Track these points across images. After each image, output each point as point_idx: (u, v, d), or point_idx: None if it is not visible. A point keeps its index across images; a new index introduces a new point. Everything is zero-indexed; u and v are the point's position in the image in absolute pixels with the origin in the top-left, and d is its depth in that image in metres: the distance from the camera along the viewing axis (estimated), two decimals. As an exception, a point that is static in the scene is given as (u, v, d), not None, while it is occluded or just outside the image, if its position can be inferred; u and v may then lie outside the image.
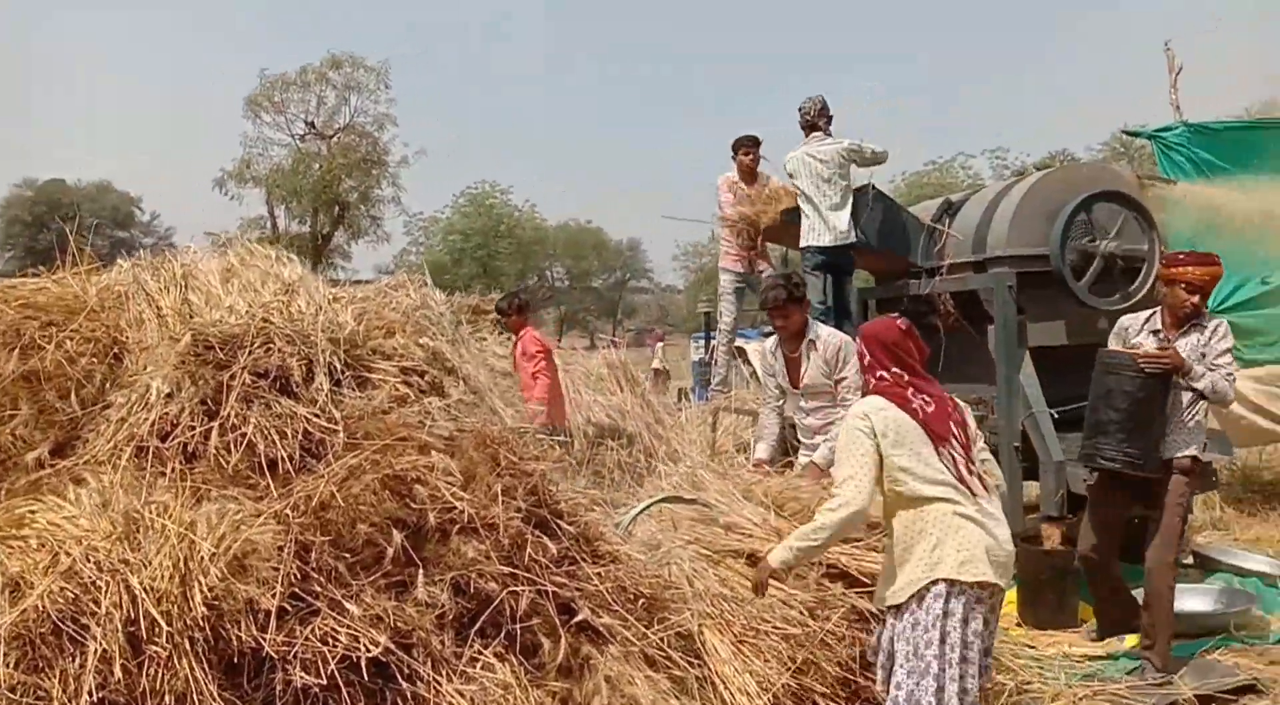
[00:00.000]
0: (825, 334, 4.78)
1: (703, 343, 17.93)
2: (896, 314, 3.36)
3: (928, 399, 3.03)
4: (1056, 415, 5.28)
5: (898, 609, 2.91)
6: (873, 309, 6.99)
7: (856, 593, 3.36)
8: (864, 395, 3.16)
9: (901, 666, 2.86)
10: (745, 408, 6.97)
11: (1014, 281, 5.32)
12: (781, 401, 4.98)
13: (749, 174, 6.74)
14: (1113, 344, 4.36)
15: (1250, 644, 4.70)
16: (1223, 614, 4.82)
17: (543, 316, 50.19)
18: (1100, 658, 4.56)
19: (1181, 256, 4.22)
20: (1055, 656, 4.45)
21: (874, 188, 6.17)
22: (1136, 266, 5.44)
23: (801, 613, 3.26)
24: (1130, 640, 4.81)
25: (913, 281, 6.22)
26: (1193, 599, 5.04)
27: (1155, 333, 4.28)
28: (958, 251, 5.88)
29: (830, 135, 6.07)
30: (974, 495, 2.93)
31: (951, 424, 3.02)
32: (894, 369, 3.05)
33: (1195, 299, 4.14)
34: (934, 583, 2.83)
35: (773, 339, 4.97)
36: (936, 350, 6.25)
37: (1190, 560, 5.91)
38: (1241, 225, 7.31)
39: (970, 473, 2.97)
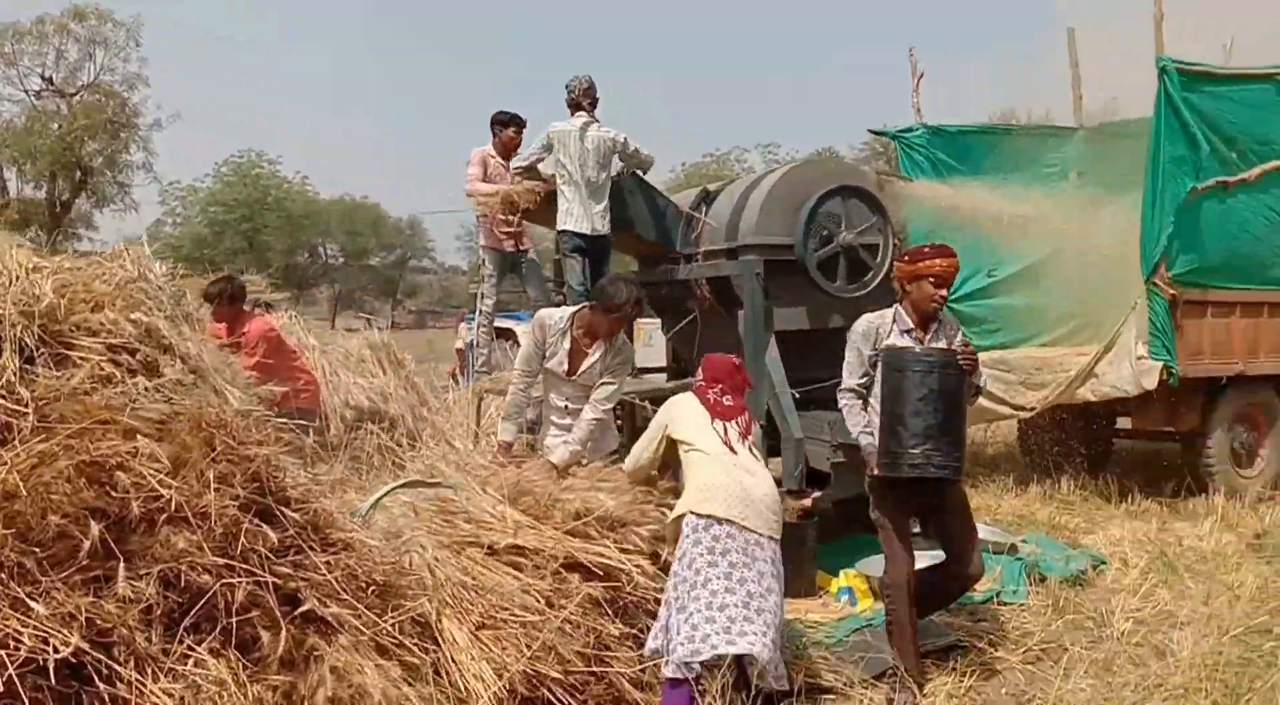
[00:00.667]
0: (623, 341, 4.61)
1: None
2: (735, 357, 4.20)
3: (729, 400, 3.91)
4: (798, 395, 5.57)
5: None
6: (635, 292, 7.14)
7: (591, 584, 3.38)
8: None
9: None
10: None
11: (761, 269, 5.55)
12: (535, 379, 4.80)
13: (509, 152, 6.63)
14: (863, 349, 4.07)
15: (963, 604, 5.16)
16: (938, 578, 5.23)
17: (315, 294, 48.03)
18: (830, 623, 4.86)
19: (927, 250, 4.00)
20: (792, 622, 4.70)
21: (635, 174, 6.26)
22: (872, 256, 5.81)
23: (539, 601, 3.26)
24: (864, 603, 5.17)
25: (673, 267, 6.38)
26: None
27: (908, 332, 4.03)
28: (713, 239, 6.07)
29: (595, 118, 6.08)
30: (735, 455, 3.69)
31: (736, 416, 3.87)
32: (716, 386, 3.95)
33: (944, 293, 3.96)
34: (683, 515, 3.54)
35: (559, 316, 4.61)
36: (693, 334, 6.50)
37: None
38: (972, 221, 8.00)
39: (740, 442, 3.78)
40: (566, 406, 4.64)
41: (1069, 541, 6.26)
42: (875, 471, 3.97)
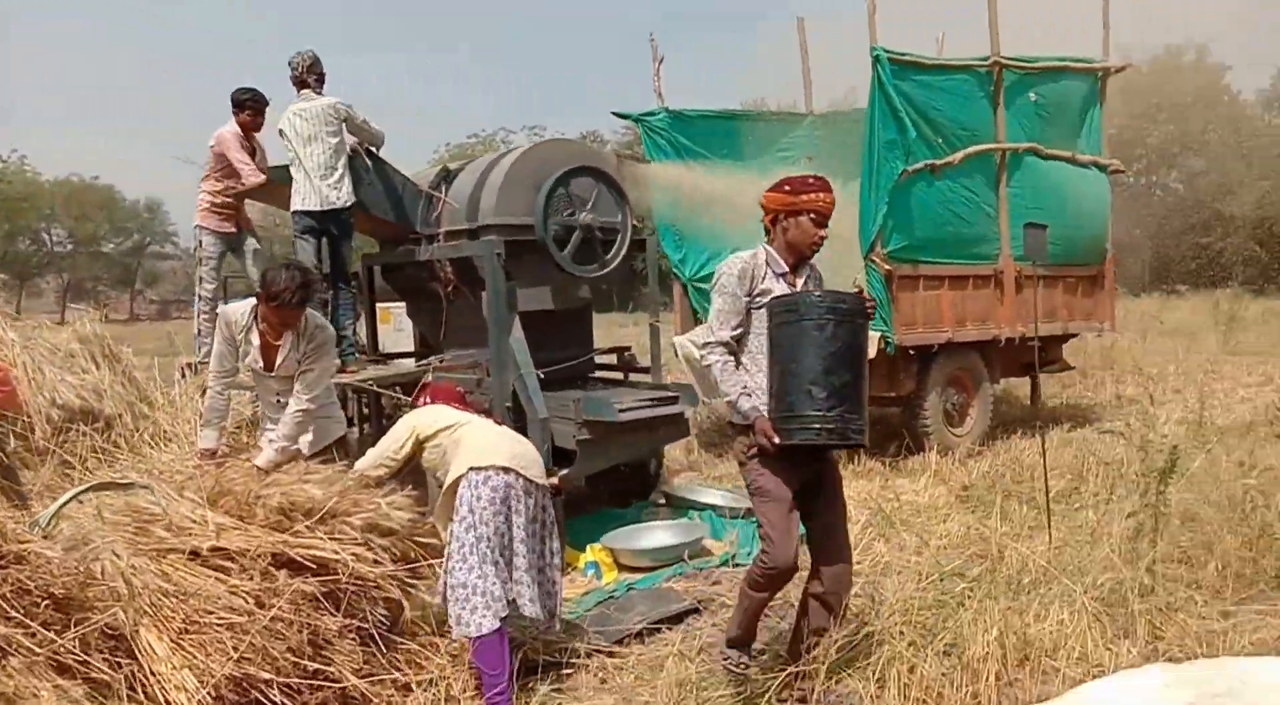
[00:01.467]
0: (317, 324, 4.39)
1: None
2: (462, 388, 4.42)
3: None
4: (543, 376, 5.57)
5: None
6: (378, 275, 6.90)
7: (303, 578, 3.22)
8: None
9: None
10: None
11: (503, 249, 5.49)
12: (233, 378, 4.55)
13: (249, 133, 6.24)
14: (738, 293, 3.45)
15: (700, 569, 5.37)
16: (679, 546, 5.43)
17: (39, 284, 43.41)
18: (575, 597, 4.92)
19: (812, 181, 3.44)
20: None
21: (370, 151, 6.03)
22: (611, 237, 5.89)
23: (247, 602, 3.07)
24: (609, 577, 5.27)
25: (414, 248, 6.20)
26: (655, 535, 5.65)
27: (782, 277, 3.51)
28: (454, 219, 5.96)
29: (321, 93, 5.81)
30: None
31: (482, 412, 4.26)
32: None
33: (824, 233, 3.48)
34: (461, 478, 3.69)
35: (242, 312, 4.33)
36: (438, 316, 6.36)
37: (662, 500, 6.63)
38: (713, 204, 8.30)
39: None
40: (278, 401, 4.42)
41: (802, 503, 6.64)
42: (775, 440, 3.29)
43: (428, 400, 4.22)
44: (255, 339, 4.30)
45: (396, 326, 10.21)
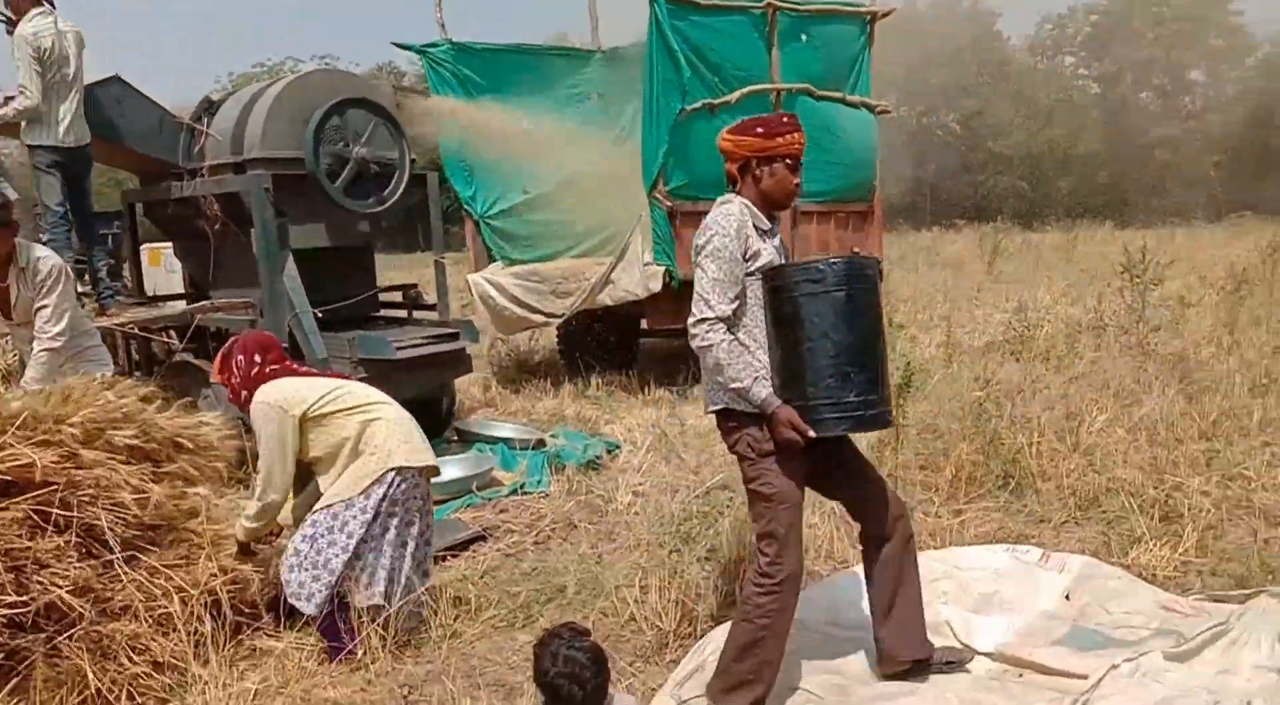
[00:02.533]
0: (39, 257, 4.08)
1: None
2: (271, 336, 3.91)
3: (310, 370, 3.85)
4: (320, 315, 5.48)
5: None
6: (140, 212, 6.52)
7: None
8: (253, 389, 3.53)
9: None
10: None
11: (270, 184, 5.32)
12: None
13: None
14: (737, 254, 2.88)
15: (489, 499, 5.50)
16: (468, 478, 5.53)
17: None
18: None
19: (785, 121, 3.04)
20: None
21: (121, 79, 5.65)
22: (389, 171, 5.80)
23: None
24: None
25: (176, 183, 5.90)
26: (444, 469, 5.71)
27: (765, 234, 3.02)
28: (217, 152, 5.70)
29: (54, 8, 5.36)
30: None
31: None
32: (283, 362, 3.66)
33: (799, 178, 3.06)
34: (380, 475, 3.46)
35: None
36: (206, 256, 6.10)
37: (455, 436, 6.69)
38: (502, 139, 8.26)
39: None
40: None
41: (591, 432, 6.88)
42: (810, 434, 2.80)
43: (254, 364, 3.58)
44: None
45: (168, 268, 9.67)
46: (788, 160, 2.99)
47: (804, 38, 8.57)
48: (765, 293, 2.92)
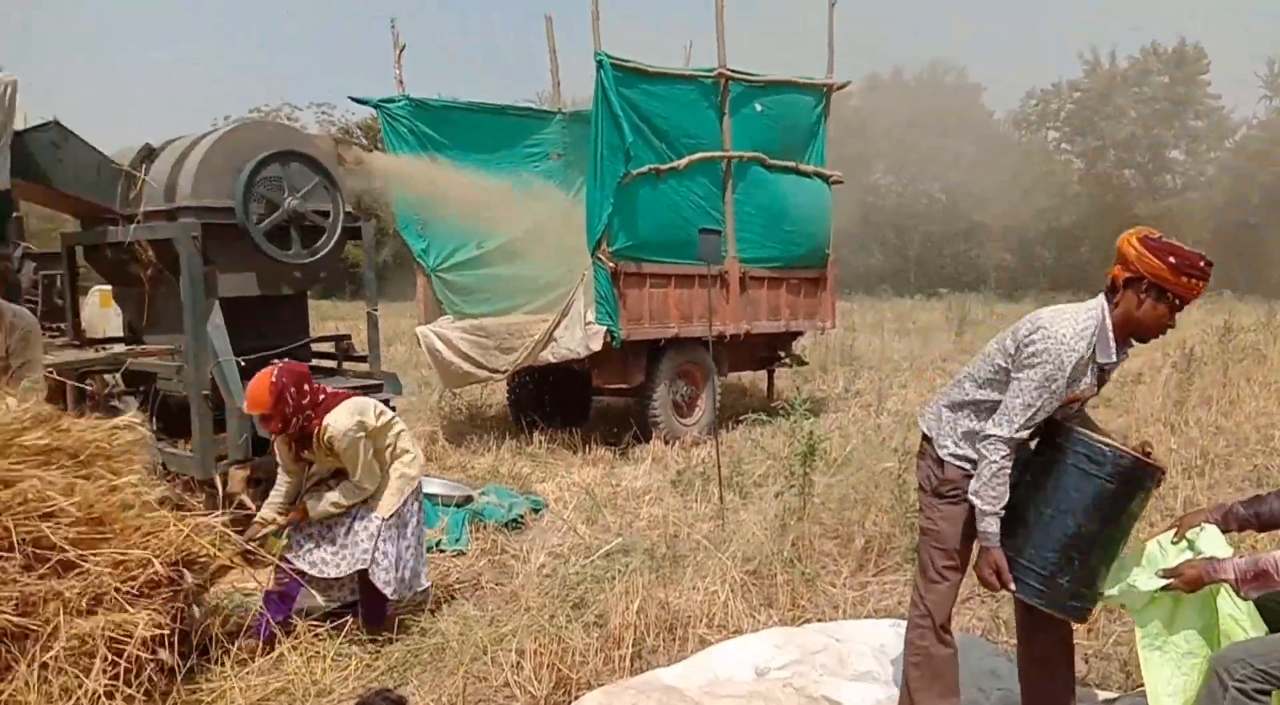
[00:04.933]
0: (12, 312, 4.12)
1: None
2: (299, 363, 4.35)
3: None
4: (244, 363, 5.48)
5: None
6: (80, 255, 6.56)
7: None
8: (310, 415, 4.10)
9: None
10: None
11: (199, 232, 5.36)
12: None
13: None
14: (1060, 381, 2.78)
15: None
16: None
17: None
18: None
19: (1202, 265, 2.76)
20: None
21: (59, 124, 5.72)
22: (321, 224, 5.86)
23: None
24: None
25: (114, 228, 5.94)
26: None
27: (1100, 366, 2.89)
28: (153, 199, 5.75)
29: None
30: None
31: None
32: (319, 387, 4.21)
33: (1174, 323, 2.87)
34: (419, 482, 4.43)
35: None
36: (141, 300, 6.13)
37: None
38: (456, 195, 8.37)
39: None
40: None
41: (522, 490, 6.86)
42: (1010, 587, 2.87)
43: (305, 393, 4.08)
44: None
45: (116, 310, 9.67)
46: (1177, 301, 2.79)
47: (758, 107, 8.76)
48: (1042, 433, 2.93)
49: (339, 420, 4.05)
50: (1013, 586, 2.86)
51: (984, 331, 19.19)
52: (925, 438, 3.17)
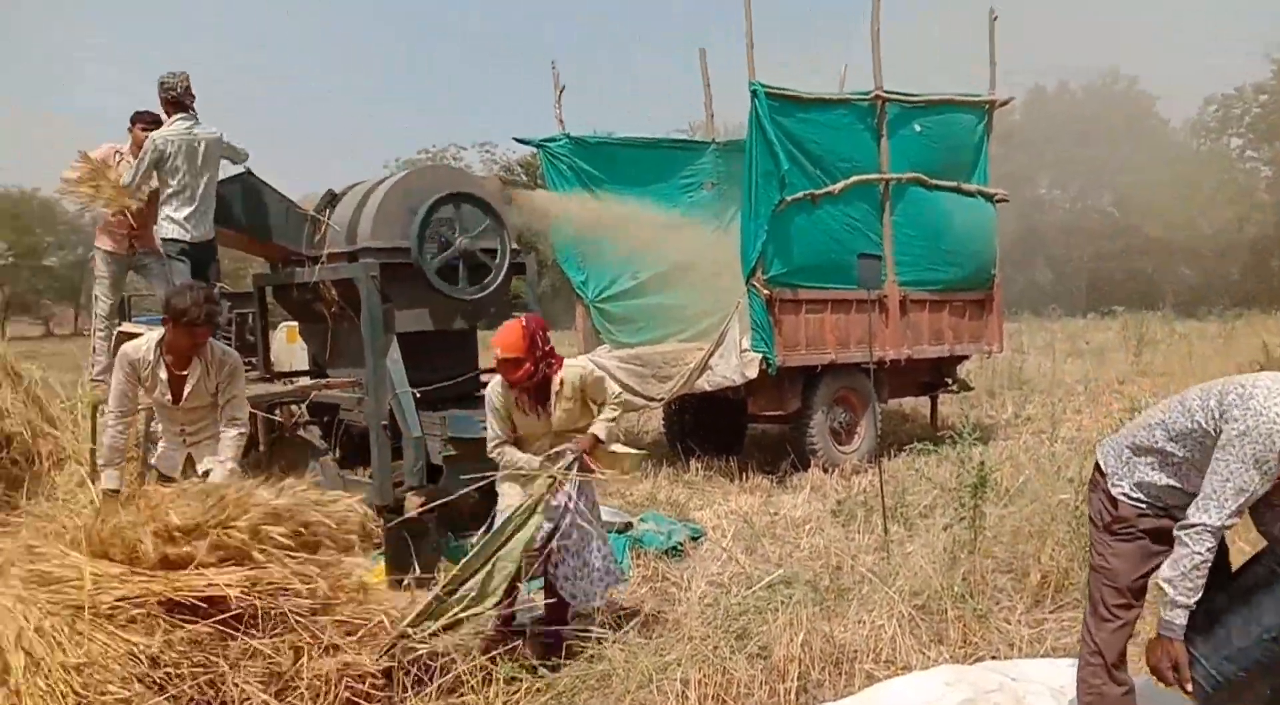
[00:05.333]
0: (220, 351, 4.41)
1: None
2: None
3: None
4: (418, 395, 5.78)
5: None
6: (269, 294, 7.08)
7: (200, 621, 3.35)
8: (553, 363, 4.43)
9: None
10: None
11: (378, 271, 5.70)
12: (133, 417, 4.60)
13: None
14: (1274, 469, 2.57)
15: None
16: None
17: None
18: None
19: None
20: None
21: (251, 174, 6.23)
22: (489, 261, 6.13)
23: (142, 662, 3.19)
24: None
25: (300, 269, 6.40)
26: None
27: None
28: (335, 241, 6.16)
29: (196, 116, 6.02)
30: None
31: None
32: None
33: None
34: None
35: (146, 348, 4.30)
36: (324, 337, 6.56)
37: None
38: (612, 228, 8.58)
39: None
40: (183, 433, 4.49)
41: (680, 517, 6.90)
42: (1186, 687, 2.73)
43: (550, 342, 4.49)
44: (163, 373, 4.31)
45: (303, 345, 10.36)
46: None
47: (916, 128, 8.61)
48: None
49: (578, 364, 4.54)
50: (1189, 688, 2.70)
51: (1165, 352, 18.04)
52: (1099, 469, 3.04)
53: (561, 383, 4.42)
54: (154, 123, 6.39)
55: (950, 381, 9.90)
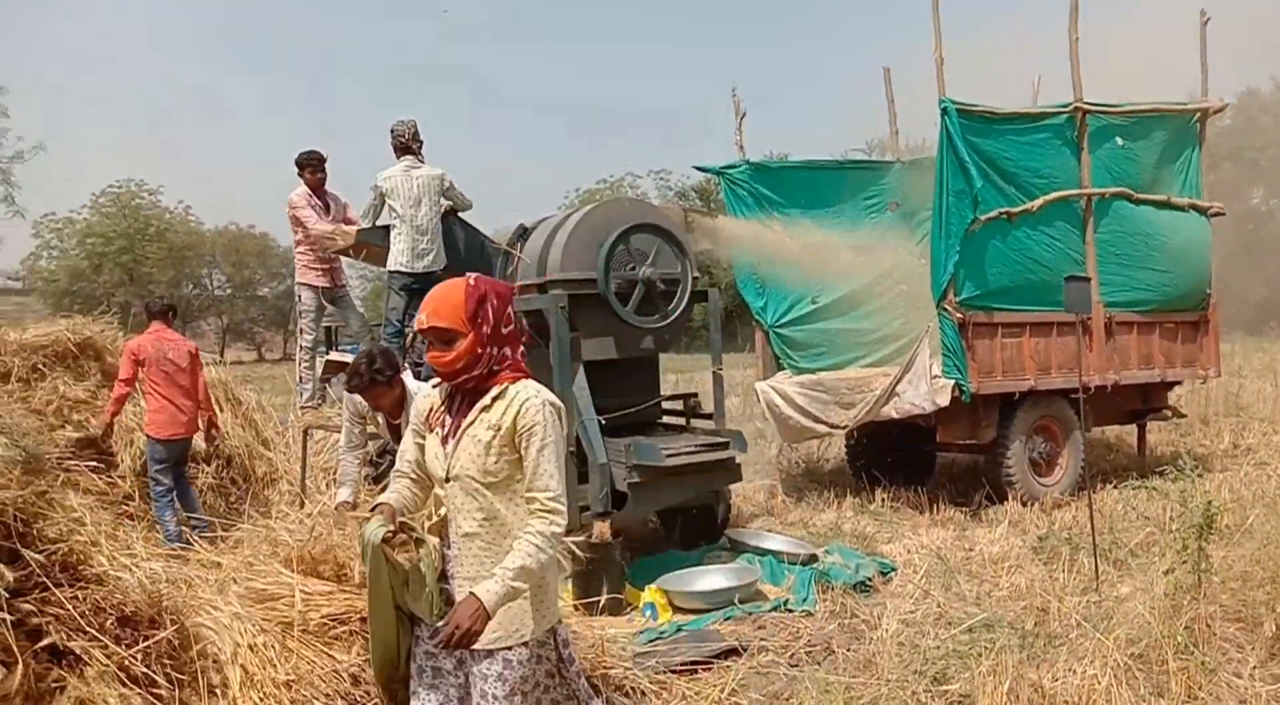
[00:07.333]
0: (415, 389, 4.41)
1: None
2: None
3: None
4: (604, 422, 5.87)
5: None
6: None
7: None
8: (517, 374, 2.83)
9: None
10: (334, 424, 7.08)
11: (566, 302, 5.85)
12: (366, 447, 4.97)
13: (319, 189, 6.97)
14: None
15: (750, 613, 5.51)
16: (730, 589, 5.58)
17: (201, 326, 46.90)
18: (626, 635, 5.14)
19: None
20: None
21: (455, 214, 6.54)
22: (672, 289, 6.17)
23: (344, 679, 3.40)
24: (664, 617, 5.48)
25: (494, 301, 6.65)
26: (709, 578, 5.82)
27: None
28: (526, 274, 6.37)
29: (422, 159, 6.41)
30: None
31: None
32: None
33: None
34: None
35: (357, 399, 4.57)
36: (515, 365, 6.78)
37: (727, 544, 6.78)
38: (791, 252, 8.48)
39: None
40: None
41: (868, 550, 6.68)
42: None
43: (512, 323, 2.88)
44: (381, 418, 4.64)
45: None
46: None
47: (1119, 141, 8.09)
48: None
49: (539, 393, 2.77)
50: None
51: None
52: None
53: (496, 398, 2.75)
54: (311, 161, 6.89)
55: (1165, 409, 9.19)
